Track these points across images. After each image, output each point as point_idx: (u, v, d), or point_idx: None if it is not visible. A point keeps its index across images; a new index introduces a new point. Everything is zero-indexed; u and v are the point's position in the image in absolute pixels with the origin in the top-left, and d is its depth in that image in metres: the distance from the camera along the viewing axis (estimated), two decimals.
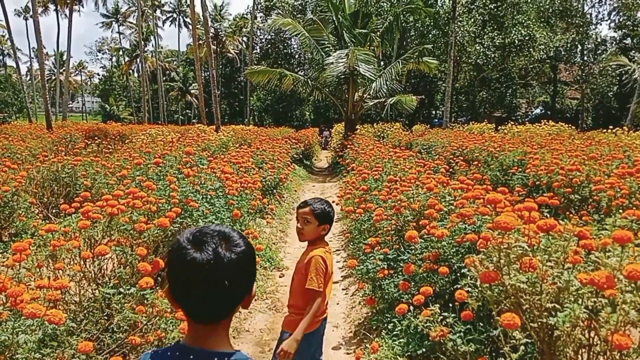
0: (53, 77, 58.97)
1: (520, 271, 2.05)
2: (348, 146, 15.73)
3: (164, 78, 53.61)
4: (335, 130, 28.10)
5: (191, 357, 1.13)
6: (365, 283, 4.52)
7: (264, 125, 36.79)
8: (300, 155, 17.70)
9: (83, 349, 2.29)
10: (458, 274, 3.07)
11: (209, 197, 5.60)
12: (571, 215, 6.44)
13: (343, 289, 5.83)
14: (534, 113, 42.69)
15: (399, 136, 20.60)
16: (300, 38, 19.70)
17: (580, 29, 33.71)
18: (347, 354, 4.20)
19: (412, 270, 3.45)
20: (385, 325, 3.91)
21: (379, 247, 4.45)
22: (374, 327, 4.27)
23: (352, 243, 6.77)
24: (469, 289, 2.60)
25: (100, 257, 3.26)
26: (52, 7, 42.36)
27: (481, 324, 2.71)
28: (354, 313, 5.00)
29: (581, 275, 1.94)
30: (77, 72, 72.21)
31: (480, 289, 2.39)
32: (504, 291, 2.14)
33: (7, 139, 12.96)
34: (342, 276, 6.21)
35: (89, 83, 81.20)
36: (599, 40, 37.21)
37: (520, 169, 8.76)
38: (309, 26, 19.20)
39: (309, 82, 19.23)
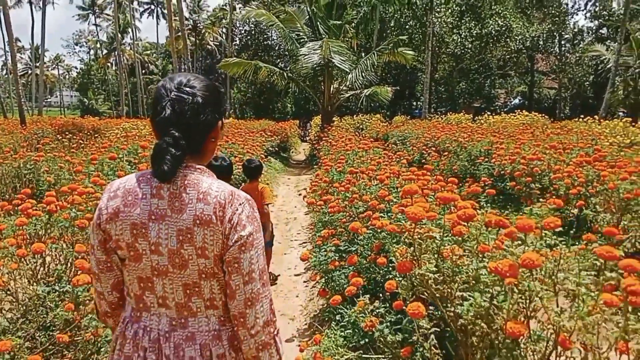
0: (30, 72, 57.88)
1: (431, 261, 2.06)
2: (323, 138, 15.71)
3: (143, 71, 52.94)
4: (313, 123, 28.03)
5: None
6: (318, 275, 4.53)
7: (245, 118, 36.50)
8: (276, 148, 17.63)
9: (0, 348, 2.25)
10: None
11: None
12: (532, 203, 6.53)
13: (304, 282, 5.84)
14: (512, 103, 43.05)
15: (377, 128, 20.62)
16: (276, 29, 19.54)
17: (557, 19, 34.01)
18: (299, 346, 4.21)
19: (355, 261, 3.46)
20: (335, 316, 3.92)
21: (337, 239, 4.46)
22: (326, 319, 4.28)
23: (315, 235, 6.77)
24: (400, 278, 2.61)
25: (37, 255, 3.21)
26: None
27: None
28: (312, 305, 5.01)
29: (491, 264, 1.95)
30: (54, 65, 70.96)
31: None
32: (423, 281, 2.15)
33: None
34: (304, 268, 6.22)
35: (67, 77, 79.84)
36: (576, 30, 37.59)
37: (486, 159, 8.84)
38: (284, 17, 19.08)
39: (285, 74, 19.15)
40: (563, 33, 36.29)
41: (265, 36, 42.46)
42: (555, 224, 1.83)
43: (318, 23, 18.66)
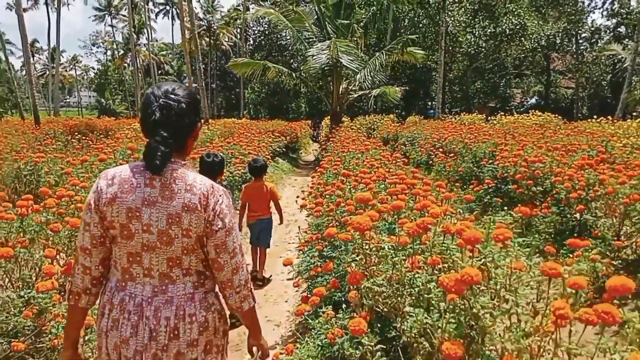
0: (47, 72, 58.71)
1: (387, 272, 1.96)
2: (331, 139, 15.61)
3: (159, 71, 53.32)
4: (324, 123, 27.90)
5: None
6: (302, 280, 4.45)
7: (259, 118, 36.50)
8: (284, 149, 17.53)
9: None
10: None
11: None
12: (535, 207, 6.34)
13: (295, 287, 5.74)
14: (529, 103, 42.34)
15: (388, 128, 20.44)
16: (284, 29, 19.47)
17: (572, 17, 33.33)
18: (281, 353, 4.13)
19: (330, 268, 3.36)
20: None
21: (321, 244, 4.36)
22: (309, 327, 4.18)
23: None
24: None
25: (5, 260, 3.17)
26: (42, 0, 42.09)
27: (379, 325, 2.62)
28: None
29: (442, 277, 1.85)
30: (71, 66, 71.84)
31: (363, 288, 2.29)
32: (374, 294, 2.05)
33: None
34: (296, 273, 6.12)
35: (85, 77, 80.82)
36: (593, 28, 36.81)
37: (490, 161, 8.65)
38: (292, 17, 18.99)
39: (293, 74, 19.06)
40: (580, 32, 35.56)
41: (278, 36, 42.41)
42: (505, 236, 1.72)
43: (326, 23, 18.55)
